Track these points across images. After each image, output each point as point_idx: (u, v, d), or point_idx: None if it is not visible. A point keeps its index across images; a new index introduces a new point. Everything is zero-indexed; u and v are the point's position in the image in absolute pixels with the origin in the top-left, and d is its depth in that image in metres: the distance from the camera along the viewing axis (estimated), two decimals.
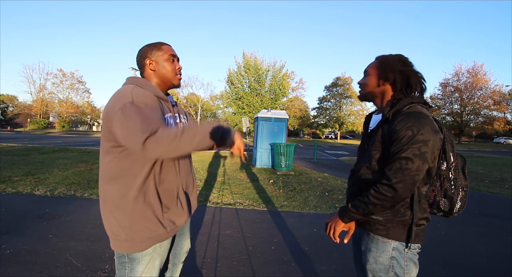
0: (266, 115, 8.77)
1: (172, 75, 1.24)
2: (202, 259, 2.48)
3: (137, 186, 1.07)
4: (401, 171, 0.99)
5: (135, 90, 1.08)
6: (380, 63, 1.18)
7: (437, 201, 1.12)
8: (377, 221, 1.11)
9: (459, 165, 1.12)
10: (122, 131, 1.00)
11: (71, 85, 46.35)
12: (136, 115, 0.99)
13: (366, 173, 1.15)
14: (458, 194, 1.09)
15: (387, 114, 1.10)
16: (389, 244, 1.10)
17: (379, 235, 1.11)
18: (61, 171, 6.39)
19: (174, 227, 1.18)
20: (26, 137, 21.84)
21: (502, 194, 5.77)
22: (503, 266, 2.59)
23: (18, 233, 2.88)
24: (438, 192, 1.11)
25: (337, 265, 2.46)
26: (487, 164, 11.80)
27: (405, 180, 0.98)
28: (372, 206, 1.05)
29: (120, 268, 1.15)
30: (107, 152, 1.09)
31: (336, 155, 15.49)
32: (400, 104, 1.09)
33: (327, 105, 46.29)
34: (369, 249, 1.15)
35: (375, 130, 1.16)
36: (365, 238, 1.18)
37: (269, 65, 25.46)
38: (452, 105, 40.02)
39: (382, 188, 1.02)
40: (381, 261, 1.11)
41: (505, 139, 42.54)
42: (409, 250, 1.10)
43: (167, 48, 1.24)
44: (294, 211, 4.08)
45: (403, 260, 1.10)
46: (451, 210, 1.11)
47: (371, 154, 1.13)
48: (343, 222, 1.17)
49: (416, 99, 1.11)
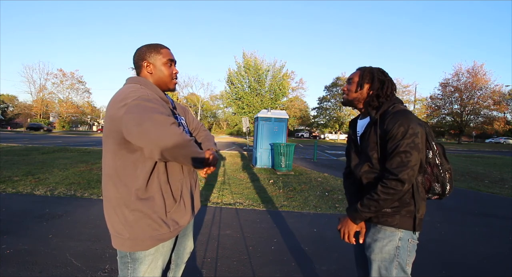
0: (266, 115, 8.77)
1: (169, 80, 1.25)
2: (202, 259, 2.48)
3: (141, 185, 1.07)
4: (403, 164, 1.09)
5: (139, 89, 1.10)
6: (363, 71, 1.32)
7: (432, 187, 1.23)
8: (385, 213, 1.19)
9: (440, 152, 1.24)
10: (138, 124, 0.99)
11: (71, 85, 46.44)
12: (152, 106, 1.03)
13: (368, 173, 1.24)
14: (446, 177, 1.21)
15: (376, 116, 1.23)
16: (397, 234, 1.19)
17: (388, 225, 1.20)
18: (61, 171, 6.39)
19: (178, 227, 1.18)
20: (26, 137, 21.84)
21: (502, 194, 5.76)
22: (503, 266, 2.59)
23: (18, 233, 2.88)
24: (431, 178, 1.22)
25: (337, 265, 2.46)
26: (487, 164, 11.79)
27: (408, 172, 1.09)
28: (383, 201, 1.13)
29: (122, 268, 1.15)
30: (111, 151, 1.09)
31: (336, 155, 15.48)
32: (384, 106, 1.24)
33: (327, 105, 46.32)
34: (375, 240, 1.23)
35: (366, 133, 1.27)
36: (371, 230, 1.26)
37: (269, 65, 25.43)
38: (452, 105, 40.02)
39: (390, 183, 1.10)
40: (387, 250, 1.19)
41: (505, 139, 42.54)
42: (412, 240, 1.19)
43: (166, 52, 1.24)
44: (294, 211, 4.08)
45: (406, 250, 1.19)
46: (443, 192, 1.23)
47: (369, 155, 1.23)
48: (355, 223, 1.24)
49: (397, 100, 1.27)
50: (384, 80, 1.29)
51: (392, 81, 1.32)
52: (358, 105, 1.37)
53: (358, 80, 1.32)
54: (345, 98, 1.39)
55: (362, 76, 1.31)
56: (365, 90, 1.31)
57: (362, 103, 1.34)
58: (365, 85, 1.31)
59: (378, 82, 1.28)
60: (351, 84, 1.35)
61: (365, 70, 1.33)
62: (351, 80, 1.35)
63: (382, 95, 1.27)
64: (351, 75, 1.38)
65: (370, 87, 1.30)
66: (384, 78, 1.30)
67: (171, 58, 1.24)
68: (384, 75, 1.31)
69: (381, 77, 1.30)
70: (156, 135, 0.98)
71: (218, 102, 54.01)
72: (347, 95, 1.37)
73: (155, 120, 0.99)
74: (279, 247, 2.80)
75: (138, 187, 1.07)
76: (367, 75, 1.31)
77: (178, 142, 1.01)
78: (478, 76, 36.64)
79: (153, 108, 1.02)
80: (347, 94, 1.37)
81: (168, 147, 0.99)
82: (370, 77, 1.30)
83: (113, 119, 1.04)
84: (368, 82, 1.31)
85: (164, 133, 0.99)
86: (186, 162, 1.09)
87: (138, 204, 1.07)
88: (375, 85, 1.28)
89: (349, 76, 1.38)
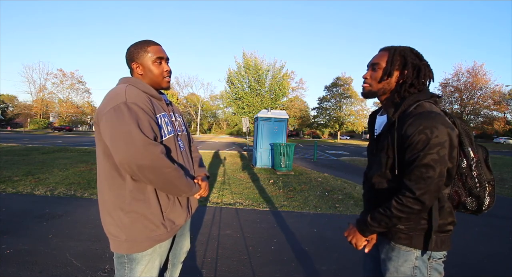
0: (266, 115, 8.77)
1: (160, 79, 1.20)
2: (202, 259, 2.48)
3: (135, 186, 1.07)
4: (423, 181, 0.91)
5: (129, 90, 1.07)
6: (392, 54, 1.06)
7: (463, 202, 1.02)
8: (399, 230, 1.04)
9: (481, 158, 1.01)
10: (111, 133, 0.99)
11: (71, 85, 46.45)
12: (130, 118, 0.99)
13: (379, 182, 1.08)
14: (485, 190, 1.00)
15: (393, 117, 1.01)
16: (412, 254, 1.03)
17: (401, 244, 1.04)
18: (61, 171, 6.39)
19: (174, 227, 1.18)
20: (26, 137, 21.83)
21: (502, 194, 5.76)
22: (503, 266, 2.59)
23: (18, 233, 2.88)
24: (462, 192, 1.02)
25: (337, 265, 2.46)
26: None
27: (429, 190, 0.91)
28: (396, 219, 0.97)
29: (119, 268, 1.14)
30: (104, 153, 1.08)
31: (336, 155, 15.48)
32: (405, 103, 1.00)
33: (327, 105, 46.34)
34: (389, 258, 1.08)
35: (383, 134, 1.07)
36: (385, 246, 1.11)
37: (269, 65, 25.43)
38: (452, 105, 40.01)
39: (407, 200, 0.93)
40: (403, 271, 1.04)
41: (505, 139, 42.52)
42: (434, 259, 1.03)
43: (154, 49, 1.17)
44: (294, 211, 4.08)
45: (426, 269, 1.03)
46: (480, 207, 1.01)
47: (381, 161, 1.06)
48: (364, 236, 1.10)
49: (422, 96, 1.01)
50: (420, 66, 1.03)
51: (428, 66, 1.05)
52: (381, 97, 1.11)
53: (385, 66, 1.05)
54: (366, 89, 1.12)
55: (391, 61, 1.04)
56: (394, 78, 1.05)
57: (387, 94, 1.09)
58: (394, 72, 1.05)
59: (412, 69, 1.02)
60: (376, 70, 1.08)
61: (394, 52, 1.05)
62: (375, 66, 1.08)
63: (417, 84, 1.02)
64: (375, 58, 1.10)
65: (400, 75, 1.05)
66: (419, 62, 1.04)
67: (160, 56, 1.18)
68: (419, 59, 1.05)
69: (415, 62, 1.03)
70: (126, 153, 0.95)
71: (218, 102, 53.99)
72: (370, 86, 1.10)
73: (128, 136, 0.96)
74: (279, 247, 2.80)
75: (131, 188, 1.07)
76: (397, 59, 1.04)
77: (151, 165, 0.97)
78: (478, 76, 36.63)
79: (130, 119, 0.98)
80: (369, 83, 1.11)
81: (140, 169, 0.97)
82: (401, 62, 1.04)
83: (97, 124, 1.07)
84: (398, 68, 1.04)
85: (135, 153, 0.95)
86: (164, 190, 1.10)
87: (133, 206, 1.07)
88: (409, 72, 1.03)
89: (373, 60, 1.10)
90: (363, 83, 1.14)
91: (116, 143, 0.97)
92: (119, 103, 1.00)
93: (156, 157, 0.98)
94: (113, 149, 0.99)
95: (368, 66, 1.14)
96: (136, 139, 0.96)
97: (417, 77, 1.03)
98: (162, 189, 1.09)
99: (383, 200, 1.03)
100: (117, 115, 0.99)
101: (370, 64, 1.12)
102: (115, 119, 0.98)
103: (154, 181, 1.03)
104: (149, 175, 0.99)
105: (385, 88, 1.08)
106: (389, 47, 1.09)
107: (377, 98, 1.14)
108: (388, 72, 1.05)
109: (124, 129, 0.96)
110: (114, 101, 1.02)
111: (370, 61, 1.12)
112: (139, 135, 0.97)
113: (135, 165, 0.96)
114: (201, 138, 33.97)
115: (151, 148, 0.97)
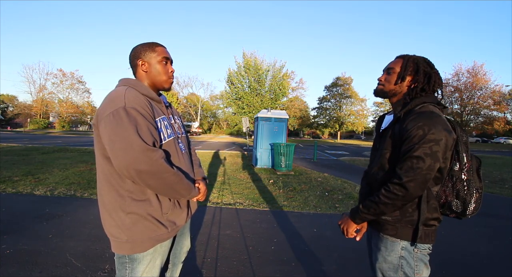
0: (266, 115, 8.77)
1: (164, 78, 1.22)
2: (202, 259, 2.48)
3: (135, 187, 1.07)
4: (412, 170, 0.99)
5: (128, 93, 1.07)
6: (406, 61, 1.18)
7: (449, 202, 1.09)
8: (386, 221, 1.13)
9: (474, 167, 1.10)
10: (110, 138, 0.99)
11: (71, 85, 46.39)
12: (128, 124, 0.99)
13: (377, 173, 1.17)
14: (472, 196, 1.07)
15: (399, 113, 1.11)
16: (398, 244, 1.11)
17: (388, 234, 1.13)
18: (61, 171, 6.39)
19: (175, 227, 1.18)
20: (26, 137, 21.82)
21: (502, 194, 5.76)
22: (503, 266, 2.59)
23: (18, 233, 2.88)
24: (450, 193, 1.09)
25: (337, 265, 2.46)
26: (487, 164, 11.79)
27: (416, 179, 0.98)
28: (383, 205, 1.06)
29: (120, 268, 1.14)
30: (103, 155, 1.08)
31: (336, 155, 15.48)
32: (412, 103, 1.11)
33: (327, 105, 46.36)
34: (378, 248, 1.17)
35: (387, 129, 1.17)
36: (375, 237, 1.21)
37: (269, 65, 25.41)
38: (452, 105, 39.99)
39: (393, 187, 1.02)
40: (390, 260, 1.13)
41: (505, 139, 42.52)
42: (419, 250, 1.10)
43: (161, 50, 1.22)
44: (294, 211, 4.08)
45: (412, 260, 1.10)
46: (464, 211, 1.08)
47: (382, 153, 1.15)
48: (355, 223, 1.19)
49: (429, 99, 1.11)
50: (431, 73, 1.14)
51: (438, 74, 1.17)
52: (392, 98, 1.23)
53: (400, 71, 1.18)
54: (379, 89, 1.25)
55: (405, 67, 1.16)
56: (406, 82, 1.17)
57: (398, 96, 1.21)
58: (407, 77, 1.17)
59: (423, 75, 1.14)
60: (390, 74, 1.21)
61: (408, 59, 1.18)
62: (390, 70, 1.21)
63: (428, 90, 1.14)
64: (390, 64, 1.23)
65: (412, 80, 1.17)
66: (430, 70, 1.15)
67: (166, 56, 1.22)
68: (430, 67, 1.16)
69: (427, 69, 1.15)
70: (125, 159, 0.96)
71: (218, 102, 54.02)
72: (384, 86, 1.23)
73: (127, 142, 0.96)
74: (279, 247, 2.80)
75: (131, 190, 1.07)
76: (410, 66, 1.16)
77: (149, 170, 0.98)
78: (478, 76, 36.61)
79: (129, 125, 0.98)
80: (383, 85, 1.24)
81: (139, 174, 0.98)
82: (414, 68, 1.16)
83: (96, 126, 1.06)
84: (411, 74, 1.16)
85: (134, 159, 0.96)
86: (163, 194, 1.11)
87: (134, 206, 1.07)
88: (420, 78, 1.14)
89: (389, 65, 1.24)
90: (378, 84, 1.27)
91: (114, 148, 0.97)
92: (118, 108, 1.00)
93: (154, 162, 0.98)
94: (111, 155, 0.99)
95: (383, 70, 1.27)
96: (134, 144, 0.96)
97: (428, 83, 1.14)
98: (161, 193, 1.10)
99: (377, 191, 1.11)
100: (116, 120, 0.98)
101: (385, 69, 1.25)
102: (114, 125, 0.98)
103: (153, 185, 1.03)
104: (148, 180, 1.00)
105: (396, 90, 1.21)
106: (404, 55, 1.22)
107: (388, 98, 1.26)
108: (401, 76, 1.17)
109: (123, 134, 0.97)
110: (114, 105, 1.02)
111: (386, 67, 1.25)
112: (137, 141, 0.97)
113: (134, 171, 0.97)
114: (201, 138, 33.97)
115: (149, 154, 0.98)
